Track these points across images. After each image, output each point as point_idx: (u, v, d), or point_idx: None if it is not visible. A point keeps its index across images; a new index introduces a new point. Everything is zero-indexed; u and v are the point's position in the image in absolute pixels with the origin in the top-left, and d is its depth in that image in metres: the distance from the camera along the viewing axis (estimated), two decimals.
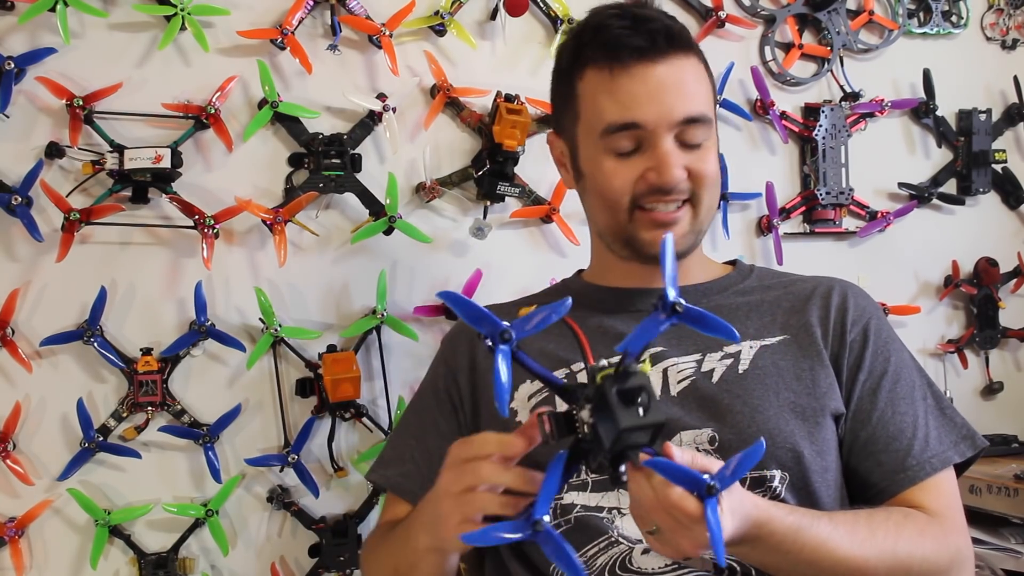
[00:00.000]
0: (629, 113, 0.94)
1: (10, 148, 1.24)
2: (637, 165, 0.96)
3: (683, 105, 0.94)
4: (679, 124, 0.94)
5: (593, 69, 0.97)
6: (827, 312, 1.00)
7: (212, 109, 1.29)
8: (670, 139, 0.94)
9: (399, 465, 1.04)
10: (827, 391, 0.95)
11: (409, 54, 1.40)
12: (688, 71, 0.97)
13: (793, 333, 0.99)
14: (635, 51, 0.94)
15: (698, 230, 1.00)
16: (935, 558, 0.88)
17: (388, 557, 0.95)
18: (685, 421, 0.93)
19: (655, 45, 0.94)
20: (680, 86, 0.95)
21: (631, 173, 0.96)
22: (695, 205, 0.97)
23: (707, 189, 0.98)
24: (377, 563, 0.99)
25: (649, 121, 0.94)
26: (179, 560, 1.30)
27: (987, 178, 1.71)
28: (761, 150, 1.62)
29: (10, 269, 1.25)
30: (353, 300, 1.38)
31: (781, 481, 0.91)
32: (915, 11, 1.71)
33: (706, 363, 0.97)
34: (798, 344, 0.98)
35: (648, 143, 0.95)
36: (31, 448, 1.26)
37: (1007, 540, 1.37)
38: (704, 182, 0.97)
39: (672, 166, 0.94)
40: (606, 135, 0.96)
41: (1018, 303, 1.75)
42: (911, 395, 0.97)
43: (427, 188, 1.38)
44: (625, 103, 0.94)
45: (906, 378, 0.98)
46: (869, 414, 0.96)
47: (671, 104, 0.94)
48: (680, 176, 0.94)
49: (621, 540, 0.89)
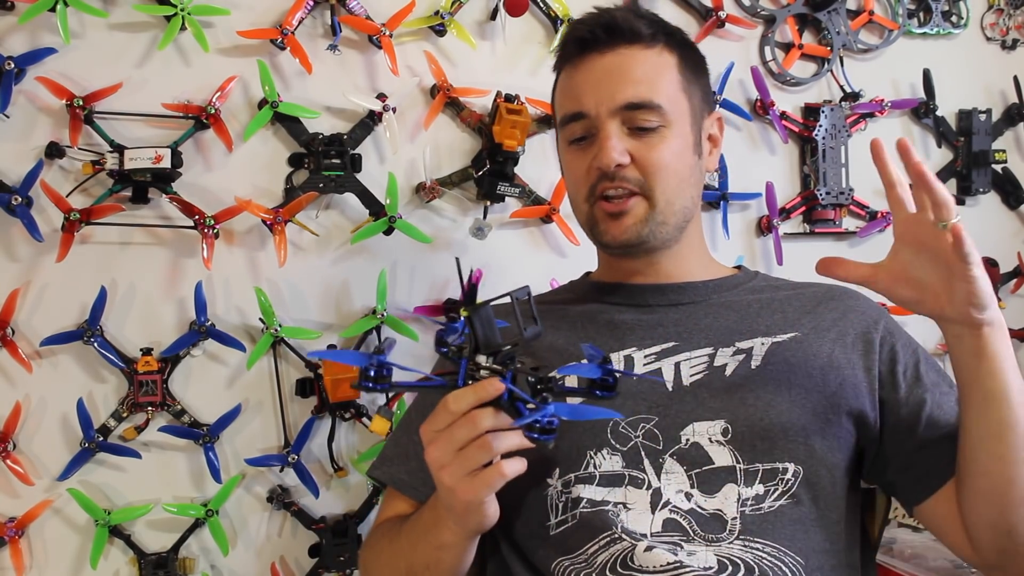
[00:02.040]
0: (575, 103, 1.00)
1: (10, 148, 1.24)
2: (587, 155, 1.00)
3: (624, 91, 0.97)
4: (621, 109, 0.97)
5: (562, 68, 1.05)
6: (841, 315, 1.01)
7: (212, 109, 1.29)
8: (613, 125, 0.97)
9: (402, 462, 1.04)
10: (836, 390, 0.95)
11: (409, 54, 1.40)
12: (637, 60, 0.99)
13: (804, 332, 0.99)
14: (579, 44, 1.01)
15: (660, 222, 0.99)
16: None
17: (399, 558, 0.94)
18: (698, 412, 0.93)
19: (595, 38, 0.99)
20: (622, 73, 0.98)
21: (584, 162, 1.00)
22: (648, 196, 0.98)
23: (659, 179, 0.97)
24: (384, 563, 0.98)
25: (590, 108, 0.98)
26: (179, 560, 1.30)
27: (987, 178, 1.70)
28: (761, 150, 1.62)
29: (10, 269, 1.25)
30: (353, 300, 1.38)
31: (795, 475, 0.91)
32: (915, 11, 1.71)
33: (718, 358, 0.97)
34: (809, 342, 0.98)
35: (595, 130, 0.99)
36: (31, 448, 1.26)
37: None
38: (652, 171, 0.97)
39: (610, 149, 0.96)
40: (562, 127, 1.03)
41: (1018, 303, 1.75)
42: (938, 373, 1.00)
43: (427, 188, 1.38)
44: (573, 94, 1.01)
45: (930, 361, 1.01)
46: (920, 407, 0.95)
47: (611, 90, 0.97)
48: (617, 159, 0.96)
49: (624, 536, 0.89)
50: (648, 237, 0.99)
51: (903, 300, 0.86)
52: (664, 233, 1.00)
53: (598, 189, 0.99)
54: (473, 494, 0.78)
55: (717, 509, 0.89)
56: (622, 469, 0.92)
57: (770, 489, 0.90)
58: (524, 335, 0.75)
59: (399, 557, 0.94)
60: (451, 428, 0.76)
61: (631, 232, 0.98)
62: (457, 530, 0.86)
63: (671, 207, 0.99)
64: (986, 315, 0.82)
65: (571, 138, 1.01)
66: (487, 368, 0.76)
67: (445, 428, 0.77)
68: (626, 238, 0.99)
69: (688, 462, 0.91)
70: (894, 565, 1.34)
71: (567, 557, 0.91)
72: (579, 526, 0.92)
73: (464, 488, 0.78)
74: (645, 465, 0.91)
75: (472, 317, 0.74)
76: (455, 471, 0.77)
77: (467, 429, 0.76)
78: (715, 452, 0.91)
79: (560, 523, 0.92)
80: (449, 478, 0.78)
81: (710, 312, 1.02)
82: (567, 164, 1.04)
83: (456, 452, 0.77)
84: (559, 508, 0.93)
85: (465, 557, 0.90)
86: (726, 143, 1.55)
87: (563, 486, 0.93)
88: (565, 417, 0.73)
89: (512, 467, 0.77)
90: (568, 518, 0.92)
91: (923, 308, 0.86)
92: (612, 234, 0.99)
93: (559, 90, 1.06)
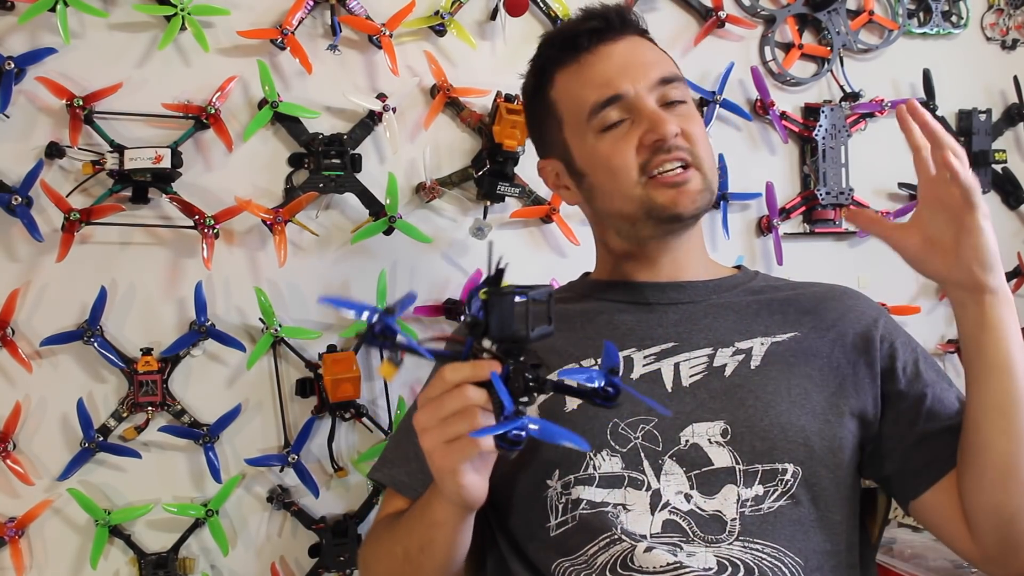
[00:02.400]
0: (608, 88, 0.98)
1: (10, 148, 1.24)
2: (632, 136, 0.98)
3: (655, 68, 0.99)
4: (657, 85, 0.99)
5: (560, 71, 1.03)
6: (840, 316, 1.01)
7: (212, 109, 1.29)
8: (653, 100, 0.98)
9: (403, 464, 1.04)
10: (836, 390, 0.95)
11: (409, 54, 1.40)
12: (645, 45, 1.03)
13: (804, 332, 0.99)
14: (594, 33, 1.00)
15: (711, 189, 1.00)
16: None
17: (395, 544, 0.95)
18: (697, 413, 0.93)
19: (611, 25, 1.00)
20: (644, 54, 1.01)
21: (629, 145, 0.98)
22: (697, 167, 0.99)
23: (701, 148, 0.99)
24: (381, 554, 0.98)
25: (629, 89, 0.98)
26: (179, 560, 1.30)
27: (987, 178, 1.71)
28: (761, 150, 1.62)
29: (10, 269, 1.25)
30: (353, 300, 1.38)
31: (794, 476, 0.91)
32: (915, 11, 1.71)
33: (718, 358, 0.97)
34: (809, 342, 0.98)
35: (635, 111, 0.98)
36: (31, 448, 1.26)
37: None
38: (696, 140, 0.99)
39: (665, 120, 0.96)
40: (593, 116, 0.99)
41: (1018, 303, 1.74)
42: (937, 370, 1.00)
43: (427, 188, 1.38)
44: (601, 82, 0.99)
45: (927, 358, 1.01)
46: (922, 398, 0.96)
47: (643, 69, 0.99)
48: (675, 129, 0.96)
49: (624, 538, 0.89)
50: (703, 208, 1.00)
51: (913, 256, 0.90)
52: (712, 199, 1.02)
53: (651, 165, 0.97)
54: (446, 460, 0.79)
55: (716, 510, 0.89)
56: (622, 471, 0.92)
57: (769, 490, 0.90)
58: (530, 334, 0.76)
59: (396, 542, 0.94)
60: (442, 397, 0.77)
61: (699, 200, 0.98)
62: (445, 504, 0.86)
63: (712, 175, 1.01)
64: (989, 278, 0.85)
65: (604, 125, 0.98)
66: (489, 353, 0.77)
67: (436, 396, 0.78)
68: (696, 207, 0.98)
69: (687, 463, 0.91)
70: (894, 565, 1.34)
71: (567, 558, 0.91)
72: (579, 527, 0.91)
73: (440, 454, 0.79)
74: (645, 466, 0.91)
75: (489, 301, 0.75)
76: (434, 436, 0.78)
77: (456, 400, 0.77)
78: (714, 453, 0.91)
79: (560, 524, 0.92)
80: (428, 442, 0.79)
81: (710, 312, 1.02)
82: (604, 153, 0.99)
83: (440, 419, 0.78)
84: (559, 509, 0.93)
85: (458, 538, 0.90)
86: (726, 143, 1.56)
87: (563, 487, 0.93)
88: (535, 436, 0.73)
89: (487, 442, 0.77)
90: (568, 519, 0.92)
91: (931, 267, 0.89)
92: (683, 204, 0.97)
93: (574, 85, 1.01)
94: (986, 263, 0.85)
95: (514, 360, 0.76)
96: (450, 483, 0.81)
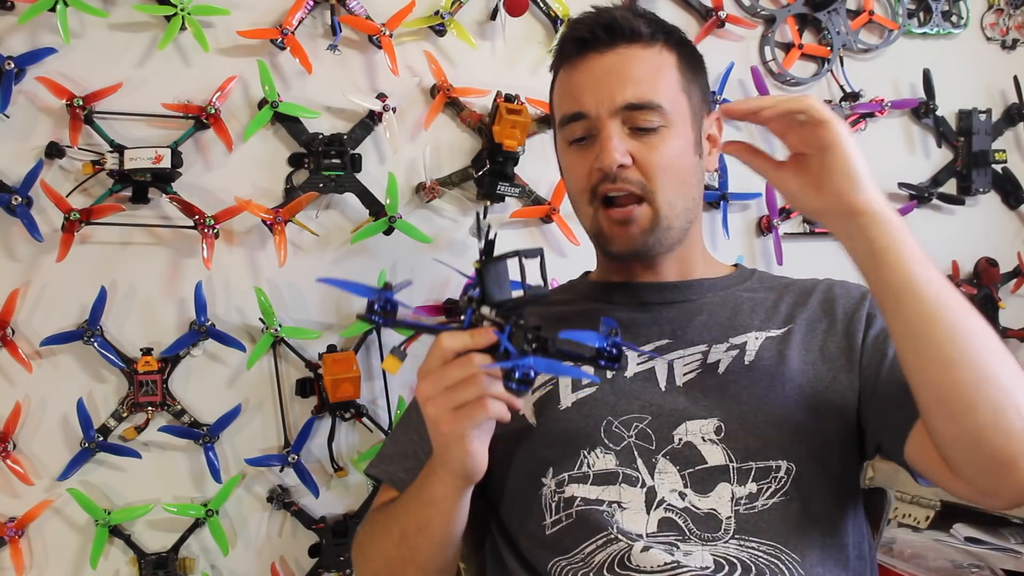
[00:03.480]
0: (575, 103, 0.99)
1: (10, 148, 1.24)
2: (588, 156, 0.98)
3: (624, 91, 0.96)
4: (621, 110, 0.96)
5: (559, 70, 1.04)
6: (831, 305, 1.01)
7: (212, 109, 1.29)
8: (614, 125, 0.96)
9: (401, 461, 1.04)
10: (831, 384, 0.95)
11: (409, 54, 1.40)
12: (637, 59, 0.98)
13: (797, 325, 0.99)
14: (578, 44, 1.00)
15: (665, 227, 0.98)
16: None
17: (392, 526, 0.94)
18: (691, 411, 0.93)
19: (596, 37, 0.99)
20: (623, 73, 0.97)
21: (585, 163, 0.99)
22: (651, 201, 0.97)
23: (660, 180, 0.96)
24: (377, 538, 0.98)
25: (591, 108, 0.97)
26: (179, 560, 1.30)
27: (987, 178, 1.71)
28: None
29: (10, 269, 1.25)
30: (353, 300, 1.38)
31: (787, 472, 0.90)
32: (915, 11, 1.71)
33: (712, 355, 0.97)
34: (802, 336, 0.98)
35: (595, 131, 0.98)
36: (31, 448, 1.26)
37: (1007, 540, 1.37)
38: (653, 172, 0.96)
39: (611, 149, 0.95)
40: (561, 128, 1.01)
41: (1018, 303, 1.75)
42: None
43: (427, 188, 1.39)
44: (573, 94, 1.00)
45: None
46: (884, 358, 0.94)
47: (611, 90, 0.97)
48: (619, 159, 0.95)
49: (620, 537, 0.89)
50: (654, 245, 0.99)
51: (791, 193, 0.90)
52: (670, 238, 0.99)
53: (600, 190, 0.98)
54: (454, 425, 0.80)
55: (711, 508, 0.89)
56: (616, 467, 0.92)
57: (763, 487, 0.90)
58: (527, 292, 0.78)
59: (392, 524, 0.94)
60: (446, 366, 0.79)
61: (638, 241, 0.98)
62: (445, 478, 0.87)
63: (674, 210, 0.98)
64: (860, 198, 0.84)
65: (571, 138, 1.00)
66: (489, 319, 0.79)
67: (439, 367, 0.79)
68: (633, 247, 0.98)
69: (681, 462, 0.91)
70: (894, 565, 1.34)
71: (563, 557, 0.91)
72: (574, 526, 0.91)
73: (446, 419, 0.80)
74: (638, 464, 0.92)
75: (482, 270, 0.78)
76: (441, 403, 0.80)
77: (461, 369, 0.78)
78: (708, 451, 0.91)
79: (555, 523, 0.92)
80: (434, 409, 0.80)
81: (704, 309, 1.02)
82: (567, 165, 1.03)
83: (446, 387, 0.79)
84: (553, 508, 0.93)
85: (456, 516, 0.90)
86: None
87: (557, 485, 0.93)
88: (542, 371, 0.76)
89: (495, 407, 0.79)
90: (563, 517, 0.92)
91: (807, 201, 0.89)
92: (619, 244, 0.98)
93: (558, 90, 1.04)
94: (854, 181, 0.84)
95: (514, 323, 0.78)
96: (456, 450, 0.82)
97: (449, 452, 0.84)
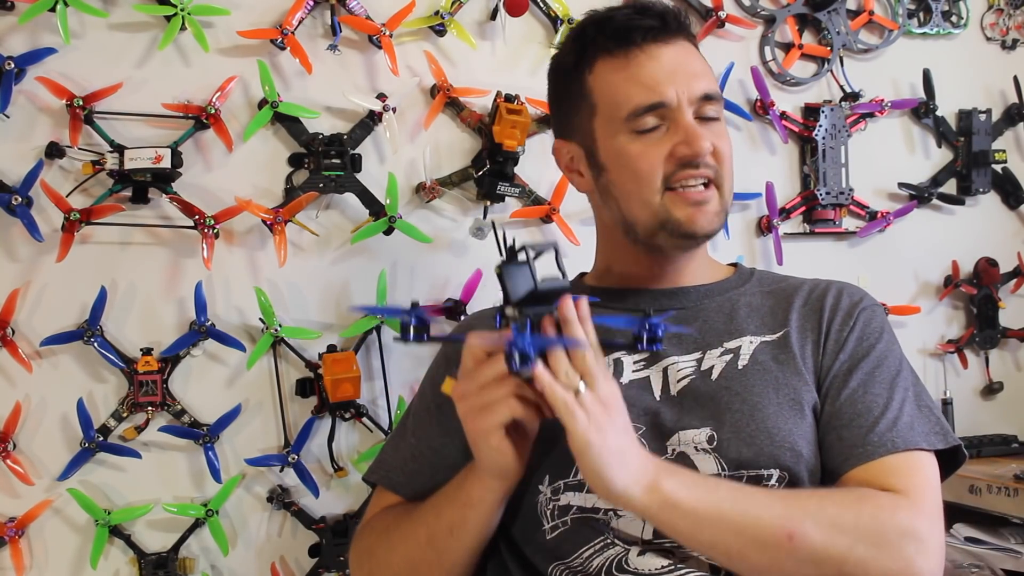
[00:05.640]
0: (654, 94, 0.96)
1: (10, 148, 1.24)
2: (664, 144, 0.97)
3: (700, 82, 0.98)
4: (698, 100, 0.97)
5: (604, 59, 0.99)
6: (818, 307, 1.00)
7: (212, 109, 1.29)
8: (691, 114, 0.97)
9: (400, 465, 1.04)
10: (809, 385, 0.95)
11: (409, 54, 1.40)
12: (693, 53, 1.02)
13: (791, 328, 0.99)
14: (648, 31, 0.98)
15: (725, 211, 1.01)
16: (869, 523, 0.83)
17: (418, 527, 0.94)
18: (684, 421, 0.93)
19: (667, 25, 0.99)
20: (690, 64, 0.99)
21: (659, 152, 0.97)
22: (719, 186, 0.99)
23: (726, 168, 0.99)
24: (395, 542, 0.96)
25: (673, 99, 0.96)
26: (179, 560, 1.30)
27: (987, 178, 1.70)
28: (761, 150, 1.62)
29: (10, 269, 1.25)
30: (353, 300, 1.38)
31: (779, 481, 0.90)
32: (915, 11, 1.71)
33: (706, 361, 0.97)
34: (796, 339, 0.98)
35: (672, 120, 0.97)
36: (31, 448, 1.26)
37: (1007, 540, 1.38)
38: (724, 160, 0.99)
39: (701, 137, 0.96)
40: (632, 118, 0.97)
41: (1018, 303, 1.75)
42: (891, 381, 0.95)
43: (427, 188, 1.39)
44: (648, 84, 0.97)
45: (889, 366, 0.96)
46: (840, 391, 0.94)
47: (690, 81, 0.97)
48: (708, 147, 0.96)
49: (617, 542, 0.89)
50: (719, 228, 1.01)
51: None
52: (724, 221, 1.01)
53: (676, 178, 0.97)
54: (479, 423, 0.84)
55: None
56: None
57: None
58: (538, 286, 0.82)
59: (419, 525, 0.94)
60: (479, 367, 0.83)
61: (715, 222, 0.99)
62: (484, 478, 0.89)
63: (729, 197, 1.01)
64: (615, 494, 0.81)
65: (642, 128, 0.97)
66: (511, 318, 0.83)
67: (473, 368, 0.84)
68: (711, 227, 0.99)
69: None
70: None
71: (562, 562, 0.91)
72: (571, 532, 0.92)
73: (472, 417, 0.84)
74: None
75: (502, 273, 0.82)
76: (471, 402, 0.84)
77: (491, 369, 0.82)
78: (701, 461, 0.91)
79: (553, 529, 0.93)
80: (463, 408, 0.85)
81: (700, 315, 1.01)
82: (635, 154, 0.97)
83: (479, 386, 0.83)
84: (548, 515, 0.93)
85: (491, 519, 0.92)
86: None
87: (552, 493, 0.93)
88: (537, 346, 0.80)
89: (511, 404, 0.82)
90: (559, 524, 0.92)
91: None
92: (699, 223, 0.97)
93: (618, 79, 0.98)
94: (604, 480, 0.80)
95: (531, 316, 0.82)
96: (484, 446, 0.85)
97: (479, 449, 0.86)
